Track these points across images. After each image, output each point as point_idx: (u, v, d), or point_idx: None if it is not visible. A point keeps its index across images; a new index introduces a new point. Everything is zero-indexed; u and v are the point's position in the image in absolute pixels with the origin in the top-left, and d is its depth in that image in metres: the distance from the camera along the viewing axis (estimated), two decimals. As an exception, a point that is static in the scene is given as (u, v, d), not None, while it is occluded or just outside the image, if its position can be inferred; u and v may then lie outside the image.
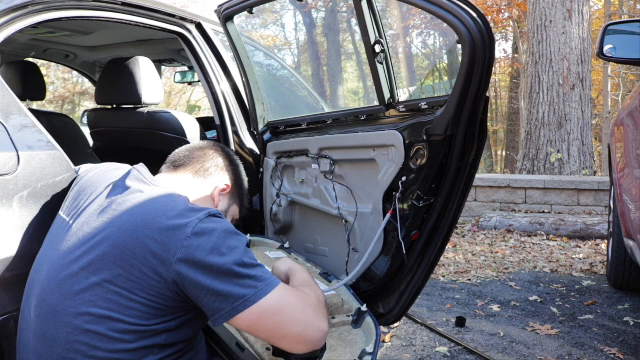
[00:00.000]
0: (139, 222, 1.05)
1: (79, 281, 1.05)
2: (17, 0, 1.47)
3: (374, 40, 1.54)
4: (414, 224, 1.49)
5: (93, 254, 1.06)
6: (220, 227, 1.06)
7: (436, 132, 1.40)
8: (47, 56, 3.23)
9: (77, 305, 1.04)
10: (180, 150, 1.38)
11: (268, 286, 1.04)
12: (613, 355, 2.28)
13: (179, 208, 1.07)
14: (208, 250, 1.02)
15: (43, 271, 1.13)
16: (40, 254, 1.20)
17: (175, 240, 1.02)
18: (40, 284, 1.11)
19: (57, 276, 1.08)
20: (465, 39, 1.27)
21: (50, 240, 1.19)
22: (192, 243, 1.02)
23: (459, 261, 3.96)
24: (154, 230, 1.03)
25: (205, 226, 1.04)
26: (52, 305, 1.07)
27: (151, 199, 1.10)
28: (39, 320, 1.09)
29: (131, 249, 1.03)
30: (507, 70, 15.62)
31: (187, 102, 15.39)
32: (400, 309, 1.62)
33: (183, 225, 1.03)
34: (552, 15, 6.65)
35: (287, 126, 2.00)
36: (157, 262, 1.02)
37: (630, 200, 2.37)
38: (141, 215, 1.06)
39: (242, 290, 1.02)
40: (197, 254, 1.02)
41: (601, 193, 5.22)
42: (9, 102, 1.34)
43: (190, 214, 1.06)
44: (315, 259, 1.88)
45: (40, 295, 1.11)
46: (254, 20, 15.49)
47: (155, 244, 1.02)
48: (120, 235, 1.05)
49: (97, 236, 1.07)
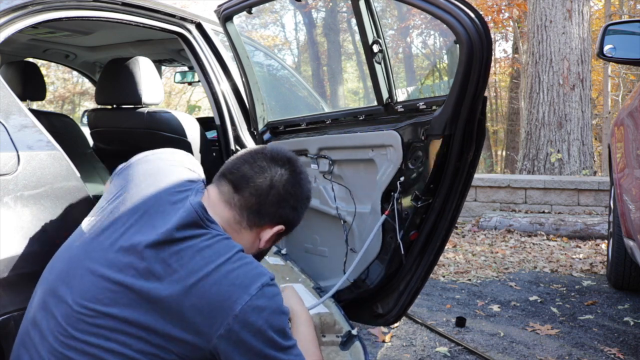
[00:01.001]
0: (188, 286, 0.98)
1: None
2: (17, 0, 1.47)
3: (372, 40, 1.54)
4: (412, 224, 1.49)
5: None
6: (270, 305, 1.00)
7: (434, 132, 1.40)
8: (47, 56, 3.23)
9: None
10: (242, 162, 1.13)
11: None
12: (613, 355, 2.28)
13: (231, 270, 1.00)
14: (255, 331, 0.98)
15: (68, 281, 1.07)
16: (63, 255, 1.14)
17: (221, 316, 0.97)
18: (66, 292, 1.06)
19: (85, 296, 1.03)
20: (463, 39, 1.28)
21: (73, 245, 1.13)
22: (241, 319, 0.97)
23: (459, 261, 3.96)
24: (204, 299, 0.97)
25: (256, 304, 0.99)
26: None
27: (213, 268, 1.00)
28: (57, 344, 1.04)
29: (175, 307, 0.98)
30: (507, 70, 15.62)
31: (187, 102, 15.39)
32: (399, 310, 1.62)
33: (233, 300, 0.97)
34: (552, 15, 6.65)
35: (286, 126, 2.00)
36: (197, 330, 0.98)
37: (630, 200, 2.37)
38: (192, 279, 0.99)
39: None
40: (242, 334, 0.98)
41: (601, 193, 5.22)
42: (9, 102, 1.34)
43: (243, 284, 0.99)
44: (314, 259, 1.89)
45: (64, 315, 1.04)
46: (253, 20, 15.49)
47: (198, 314, 0.97)
48: (169, 291, 0.98)
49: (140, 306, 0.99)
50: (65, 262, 1.12)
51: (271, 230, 1.15)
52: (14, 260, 1.23)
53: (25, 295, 1.20)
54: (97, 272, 1.04)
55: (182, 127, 2.31)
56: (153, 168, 1.21)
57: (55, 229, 1.32)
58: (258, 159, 1.14)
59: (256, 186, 1.11)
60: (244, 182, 1.11)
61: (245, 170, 1.12)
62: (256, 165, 1.13)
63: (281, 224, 1.16)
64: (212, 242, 1.04)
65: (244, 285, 0.99)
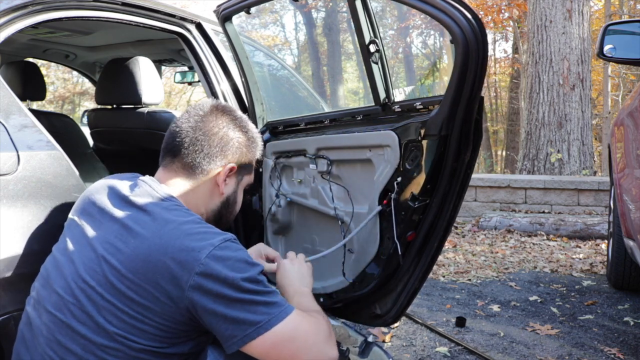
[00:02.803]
0: (151, 248, 1.04)
1: (94, 301, 1.05)
2: (17, 0, 1.47)
3: (369, 40, 1.54)
4: (409, 225, 1.49)
5: (106, 277, 1.05)
6: (235, 255, 1.04)
7: (431, 132, 1.40)
8: (47, 56, 3.23)
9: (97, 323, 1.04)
10: (175, 133, 1.24)
11: (282, 313, 1.04)
12: (613, 355, 2.28)
13: (192, 231, 1.05)
14: (221, 278, 1.01)
15: (59, 281, 1.11)
16: (54, 260, 1.17)
17: (188, 267, 1.01)
18: (56, 294, 1.10)
19: (72, 291, 1.08)
20: (459, 39, 1.28)
21: (64, 248, 1.16)
22: (205, 270, 1.01)
23: (459, 261, 3.96)
24: (167, 256, 1.02)
25: (220, 254, 1.02)
26: (67, 319, 1.06)
27: (162, 221, 1.08)
28: (53, 329, 1.08)
29: (143, 273, 1.02)
30: (507, 70, 15.61)
31: (187, 102, 15.40)
32: (397, 310, 1.62)
33: (197, 250, 1.02)
34: (552, 15, 6.65)
35: (285, 126, 2.00)
36: (169, 289, 1.01)
37: (630, 200, 2.37)
38: (154, 240, 1.05)
39: (255, 316, 1.02)
40: (210, 282, 1.01)
41: (601, 193, 5.22)
42: (9, 102, 1.35)
43: (203, 239, 1.04)
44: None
45: (52, 307, 1.09)
46: (253, 20, 15.50)
47: (167, 271, 1.01)
48: (133, 260, 1.04)
49: (107, 259, 1.06)
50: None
51: (224, 170, 1.24)
52: (14, 260, 1.23)
53: (26, 295, 1.20)
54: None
55: (182, 127, 2.30)
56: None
57: (55, 229, 1.32)
58: (178, 129, 1.24)
59: (183, 142, 1.22)
60: (176, 146, 1.22)
61: (173, 139, 1.24)
62: (178, 131, 1.24)
63: (230, 163, 1.25)
64: (171, 208, 1.12)
65: (206, 239, 1.04)
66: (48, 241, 1.28)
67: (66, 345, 1.05)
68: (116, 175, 1.28)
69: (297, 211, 1.97)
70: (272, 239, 2.01)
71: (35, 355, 1.09)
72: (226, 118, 1.26)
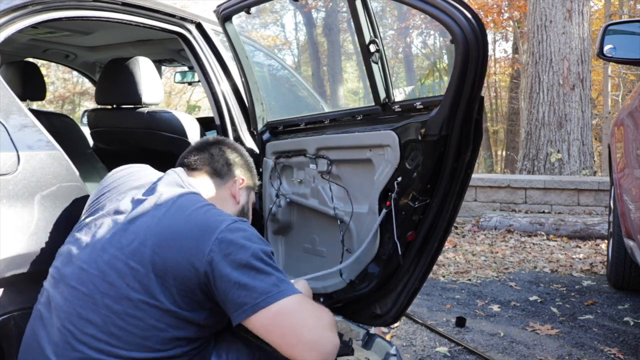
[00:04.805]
0: (176, 219, 1.14)
1: (120, 267, 1.11)
2: (17, 0, 1.47)
3: (369, 40, 1.54)
4: (409, 225, 1.49)
5: (130, 246, 1.12)
6: (251, 230, 1.15)
7: (431, 132, 1.40)
8: (47, 56, 3.23)
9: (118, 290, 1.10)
10: (189, 153, 1.43)
11: (289, 289, 1.10)
12: (613, 355, 2.28)
13: (212, 210, 1.18)
14: (239, 246, 1.09)
15: (83, 256, 1.16)
16: (74, 240, 1.21)
17: (209, 233, 1.10)
18: (80, 269, 1.14)
19: (96, 264, 1.13)
20: (459, 39, 1.28)
21: (86, 226, 1.22)
22: (225, 236, 1.10)
23: (459, 261, 3.96)
24: (190, 223, 1.12)
25: (238, 226, 1.13)
26: (90, 291, 1.11)
27: (185, 200, 1.19)
28: (74, 303, 1.11)
29: (168, 239, 1.11)
30: (507, 70, 15.60)
31: (187, 102, 15.40)
32: (397, 310, 1.62)
33: (218, 222, 1.13)
34: (552, 15, 6.65)
35: (285, 126, 2.00)
36: (192, 253, 1.09)
37: (630, 200, 2.37)
38: (178, 213, 1.15)
39: (266, 286, 1.08)
40: (228, 247, 1.09)
41: (601, 193, 5.22)
42: (9, 102, 1.35)
43: (222, 215, 1.16)
44: (313, 259, 1.89)
45: (75, 282, 1.14)
46: (253, 20, 15.50)
47: (191, 236, 1.10)
48: (158, 229, 1.12)
49: (135, 239, 1.13)
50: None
51: (235, 183, 1.43)
52: (14, 260, 1.23)
53: (26, 295, 1.20)
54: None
55: (182, 127, 2.31)
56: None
57: (55, 228, 1.32)
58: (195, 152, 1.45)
59: (201, 159, 1.42)
60: (193, 161, 1.42)
61: (190, 157, 1.44)
62: (195, 153, 1.44)
63: (239, 177, 1.45)
64: (194, 194, 1.25)
65: (223, 216, 1.16)
66: (48, 241, 1.28)
67: (87, 317, 1.09)
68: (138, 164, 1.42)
69: (297, 211, 1.97)
70: (272, 239, 2.01)
71: (52, 330, 1.11)
72: (229, 149, 1.48)
